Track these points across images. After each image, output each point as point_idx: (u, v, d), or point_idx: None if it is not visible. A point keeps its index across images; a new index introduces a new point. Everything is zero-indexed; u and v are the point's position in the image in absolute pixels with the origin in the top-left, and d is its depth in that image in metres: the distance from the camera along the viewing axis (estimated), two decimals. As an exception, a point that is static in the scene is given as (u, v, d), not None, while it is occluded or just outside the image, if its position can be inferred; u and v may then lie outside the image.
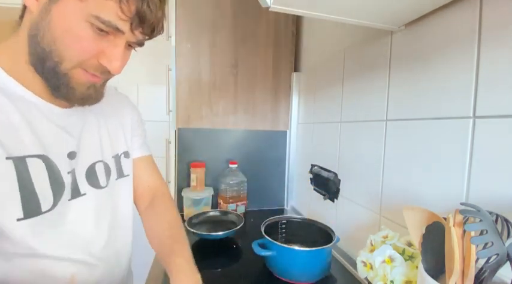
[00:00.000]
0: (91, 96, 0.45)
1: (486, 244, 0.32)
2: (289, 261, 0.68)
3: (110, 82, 0.51)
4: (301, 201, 1.23)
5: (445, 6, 0.51)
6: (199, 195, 1.08)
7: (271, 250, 0.69)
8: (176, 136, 1.17)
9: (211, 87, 1.18)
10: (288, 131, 1.29)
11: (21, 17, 0.41)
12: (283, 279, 0.70)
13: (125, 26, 0.39)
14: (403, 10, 0.53)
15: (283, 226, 0.84)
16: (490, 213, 0.35)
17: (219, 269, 0.76)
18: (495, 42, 0.43)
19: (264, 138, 1.26)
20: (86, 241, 0.49)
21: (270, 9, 0.52)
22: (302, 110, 1.22)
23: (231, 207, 1.11)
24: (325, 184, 0.96)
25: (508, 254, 0.32)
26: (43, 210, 0.41)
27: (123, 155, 0.58)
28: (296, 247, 0.68)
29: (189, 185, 1.17)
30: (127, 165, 0.59)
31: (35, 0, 0.38)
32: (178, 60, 1.13)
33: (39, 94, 0.43)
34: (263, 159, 1.27)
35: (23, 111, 0.40)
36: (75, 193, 0.47)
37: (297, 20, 1.26)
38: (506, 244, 0.32)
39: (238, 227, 0.91)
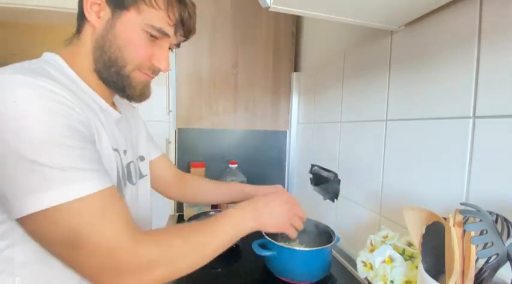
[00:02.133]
0: (145, 93, 0.53)
1: (486, 244, 0.32)
2: (289, 261, 0.68)
3: None
4: (301, 200, 1.22)
5: (445, 6, 0.51)
6: (199, 195, 1.08)
7: (271, 250, 0.69)
8: (176, 136, 1.17)
9: (211, 87, 1.18)
10: (288, 131, 1.29)
11: (79, 32, 0.48)
12: (283, 279, 0.70)
13: (170, 31, 0.48)
14: (403, 10, 0.53)
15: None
16: (490, 213, 0.35)
17: (219, 269, 0.76)
18: (495, 42, 0.43)
19: (264, 138, 1.26)
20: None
21: (270, 9, 0.52)
22: (302, 110, 1.22)
23: (231, 206, 1.11)
24: (325, 184, 0.96)
25: (508, 254, 0.32)
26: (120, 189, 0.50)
27: (139, 159, 0.64)
28: (296, 247, 0.68)
29: (189, 185, 1.17)
30: (144, 167, 0.66)
31: (98, 18, 0.45)
32: (178, 60, 1.13)
33: (105, 100, 0.50)
34: (263, 159, 1.27)
35: (103, 113, 0.49)
36: (127, 181, 0.55)
37: (297, 20, 1.26)
38: (506, 244, 0.32)
39: None
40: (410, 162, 0.60)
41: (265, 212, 0.55)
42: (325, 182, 0.96)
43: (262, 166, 1.27)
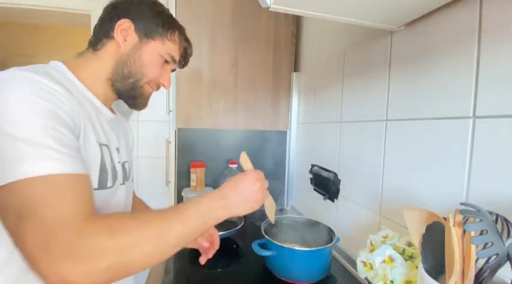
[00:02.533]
0: (146, 103, 0.64)
1: (486, 244, 0.32)
2: (289, 261, 0.68)
3: None
4: (301, 201, 1.23)
5: (445, 6, 0.51)
6: (199, 194, 1.08)
7: (271, 250, 0.69)
8: (176, 136, 1.17)
9: (211, 87, 1.18)
10: (288, 131, 1.29)
11: (96, 46, 0.57)
12: (283, 279, 0.70)
13: (177, 59, 0.63)
14: (403, 10, 0.53)
15: (283, 226, 0.84)
16: (490, 212, 0.35)
17: (219, 269, 0.76)
18: (495, 42, 0.43)
19: (264, 138, 1.26)
20: None
21: (270, 9, 0.52)
22: (302, 110, 1.22)
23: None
24: (325, 184, 0.96)
25: (508, 254, 0.32)
26: (108, 185, 0.52)
27: (127, 163, 0.68)
28: (296, 247, 0.68)
29: (189, 185, 1.17)
30: (131, 173, 0.70)
31: (124, 41, 0.57)
32: (178, 60, 1.13)
33: (103, 102, 0.58)
34: (263, 159, 1.27)
35: (95, 111, 0.54)
36: (124, 180, 0.60)
37: (297, 20, 1.26)
38: (506, 244, 0.32)
39: (238, 227, 0.91)
40: (410, 162, 0.60)
41: (235, 199, 0.53)
42: (325, 182, 0.96)
43: (262, 166, 1.27)
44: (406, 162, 0.61)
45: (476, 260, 0.33)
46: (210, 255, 0.67)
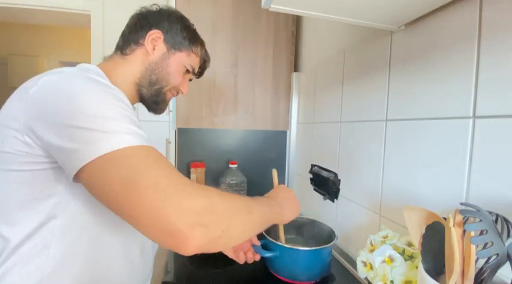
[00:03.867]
0: (165, 108, 0.70)
1: (486, 244, 0.32)
2: (289, 261, 0.68)
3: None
4: (301, 201, 1.22)
5: (445, 6, 0.51)
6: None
7: (273, 251, 0.69)
8: (176, 136, 1.17)
9: (211, 87, 1.18)
10: (288, 131, 1.29)
11: (125, 51, 0.62)
12: (283, 279, 0.70)
13: (196, 71, 0.70)
14: (403, 10, 0.53)
15: (283, 225, 0.84)
16: (490, 212, 0.35)
17: (219, 269, 0.76)
18: (495, 42, 0.43)
19: (264, 138, 1.26)
20: None
21: (270, 9, 0.52)
22: (302, 110, 1.22)
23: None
24: (325, 184, 0.96)
25: (508, 254, 0.32)
26: None
27: None
28: (296, 247, 0.68)
29: (189, 185, 1.17)
30: None
31: (153, 49, 0.62)
32: (178, 60, 1.13)
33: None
34: (263, 159, 1.27)
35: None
36: None
37: (297, 20, 1.26)
38: (506, 244, 0.32)
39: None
40: (410, 162, 0.60)
41: (284, 204, 0.61)
42: (325, 182, 0.96)
43: (262, 166, 1.27)
44: (406, 162, 0.61)
45: (476, 260, 0.33)
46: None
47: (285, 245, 0.68)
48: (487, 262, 0.34)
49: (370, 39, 0.74)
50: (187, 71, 0.67)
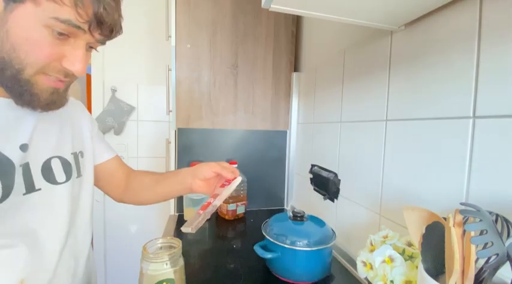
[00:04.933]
0: (54, 101, 0.45)
1: (486, 244, 0.32)
2: (289, 261, 0.68)
3: (112, 82, 0.53)
4: (301, 201, 1.23)
5: (444, 6, 0.51)
6: (199, 195, 1.08)
7: (274, 252, 0.69)
8: (176, 136, 1.17)
9: (211, 87, 1.18)
10: (288, 131, 1.29)
11: None
12: (283, 279, 0.70)
13: (84, 26, 0.41)
14: (403, 10, 0.53)
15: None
16: (490, 212, 0.35)
17: (219, 269, 0.76)
18: (495, 42, 0.43)
19: (264, 138, 1.26)
20: (40, 239, 0.47)
21: (270, 9, 0.52)
22: (302, 110, 1.22)
23: (230, 207, 1.12)
24: (325, 184, 0.96)
25: (508, 254, 0.32)
26: None
27: (80, 154, 0.58)
28: (296, 247, 0.68)
29: (189, 185, 1.17)
30: (86, 165, 0.60)
31: None
32: (178, 60, 1.13)
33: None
34: (263, 159, 1.27)
35: None
36: (30, 187, 0.46)
37: (297, 20, 1.26)
38: (506, 244, 0.32)
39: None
40: (410, 161, 0.60)
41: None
42: (325, 182, 0.96)
43: (262, 166, 1.27)
44: (406, 162, 0.61)
45: (476, 260, 0.33)
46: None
47: (286, 246, 0.68)
48: (487, 262, 0.34)
49: (370, 39, 0.74)
50: (62, 34, 0.39)
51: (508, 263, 0.32)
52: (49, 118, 0.51)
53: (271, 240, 0.70)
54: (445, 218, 0.37)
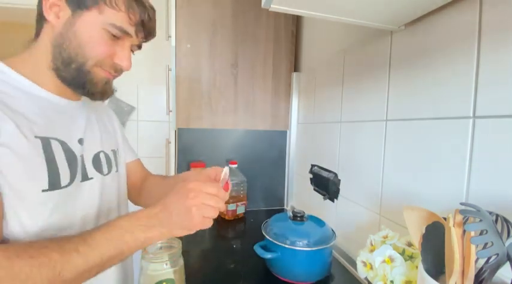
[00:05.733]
0: (107, 90, 0.54)
1: (486, 244, 0.32)
2: (290, 261, 0.68)
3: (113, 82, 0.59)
4: (301, 201, 1.23)
5: (445, 6, 0.51)
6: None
7: (274, 252, 0.69)
8: (176, 136, 1.17)
9: (211, 87, 1.18)
10: (288, 131, 1.29)
11: (37, 35, 0.50)
12: (283, 279, 0.70)
13: (131, 30, 0.50)
14: (403, 10, 0.53)
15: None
16: (490, 212, 0.35)
17: (219, 269, 0.76)
18: (495, 42, 0.43)
19: (264, 138, 1.26)
20: (93, 223, 0.54)
21: (270, 9, 0.52)
22: (302, 110, 1.22)
23: (230, 207, 1.12)
24: (325, 184, 0.96)
25: (508, 254, 0.32)
26: (62, 184, 0.47)
27: (117, 151, 0.66)
28: (296, 247, 0.68)
29: (189, 185, 1.17)
30: (121, 162, 0.67)
31: (57, 18, 0.47)
32: (178, 60, 1.13)
33: (52, 91, 0.51)
34: (263, 159, 1.27)
35: (38, 103, 0.48)
36: (85, 176, 0.53)
37: (297, 20, 1.26)
38: (506, 244, 0.32)
39: None
40: (410, 162, 0.60)
41: (164, 216, 0.44)
42: (325, 182, 0.96)
43: (262, 166, 1.27)
44: (406, 162, 0.61)
45: (476, 260, 0.33)
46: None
47: (285, 246, 0.68)
48: (487, 262, 0.34)
49: (370, 39, 0.74)
50: (115, 36, 0.49)
51: (508, 263, 0.32)
52: (94, 115, 0.61)
53: (271, 240, 0.70)
54: (445, 218, 0.37)
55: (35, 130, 0.45)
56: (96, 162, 0.57)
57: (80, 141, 0.54)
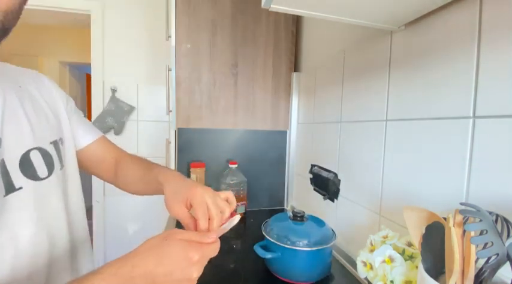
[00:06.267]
0: None
1: (486, 244, 0.32)
2: (289, 261, 0.68)
3: (112, 82, 0.52)
4: (301, 201, 1.23)
5: (445, 6, 0.51)
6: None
7: (274, 252, 0.69)
8: (176, 136, 1.17)
9: (211, 87, 1.18)
10: (288, 131, 1.29)
11: None
12: (283, 279, 0.70)
13: None
14: (403, 10, 0.53)
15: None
16: (490, 212, 0.35)
17: (219, 269, 0.76)
18: (495, 42, 0.43)
19: (264, 138, 1.26)
20: (26, 241, 0.42)
21: (270, 9, 0.52)
22: (302, 110, 1.22)
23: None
24: (325, 184, 0.96)
25: (508, 254, 0.32)
26: None
27: (60, 142, 0.51)
28: (296, 247, 0.68)
29: (189, 185, 1.17)
30: (68, 153, 0.54)
31: None
32: (178, 60, 1.13)
33: None
34: (263, 159, 1.27)
35: None
36: (10, 187, 0.40)
37: (297, 20, 1.26)
38: (506, 244, 0.32)
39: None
40: (410, 161, 0.60)
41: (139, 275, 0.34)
42: (325, 182, 0.96)
43: (262, 166, 1.27)
44: (406, 162, 0.61)
45: (476, 260, 0.33)
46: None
47: (286, 246, 0.68)
48: (487, 262, 0.34)
49: (370, 39, 0.74)
50: None
51: (508, 263, 0.32)
52: (14, 100, 0.44)
53: (271, 240, 0.70)
54: (445, 218, 0.37)
55: None
56: (26, 164, 0.42)
57: None
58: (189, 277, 0.36)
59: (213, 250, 0.40)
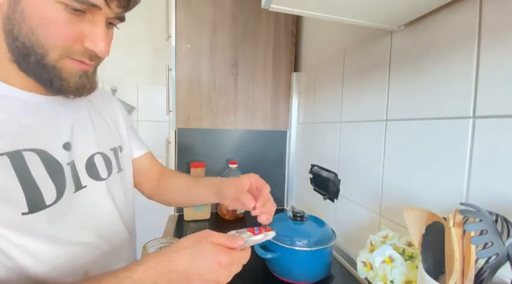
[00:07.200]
0: (85, 85, 0.43)
1: (486, 244, 0.32)
2: (290, 261, 0.68)
3: (112, 82, 0.54)
4: (301, 201, 1.23)
5: (445, 6, 0.51)
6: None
7: (273, 252, 0.69)
8: (176, 136, 1.17)
9: (211, 87, 1.18)
10: (288, 131, 1.29)
11: None
12: (283, 279, 0.70)
13: (99, 1, 0.37)
14: (403, 10, 0.53)
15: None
16: (490, 212, 0.35)
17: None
18: (495, 42, 0.43)
19: (264, 138, 1.26)
20: (94, 234, 0.49)
21: (270, 9, 0.52)
22: (302, 110, 1.22)
23: (231, 207, 1.12)
24: (325, 184, 0.96)
25: (508, 254, 0.32)
26: (47, 203, 0.39)
27: (119, 149, 0.59)
28: (296, 247, 0.68)
29: (189, 185, 1.17)
30: (126, 160, 0.61)
31: None
32: (178, 60, 1.13)
33: (22, 87, 0.41)
34: (263, 159, 1.27)
35: (7, 107, 0.39)
36: (78, 185, 0.46)
37: (297, 20, 1.26)
38: (506, 244, 0.32)
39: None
40: (410, 162, 0.60)
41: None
42: (325, 182, 0.96)
43: (262, 166, 1.27)
44: (406, 162, 0.61)
45: (476, 260, 0.33)
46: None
47: (285, 246, 0.68)
48: (487, 262, 0.34)
49: (370, 39, 0.74)
50: (78, 11, 0.36)
51: (508, 263, 0.32)
52: (84, 112, 0.51)
53: (271, 240, 0.70)
54: (445, 218, 0.37)
55: (0, 146, 0.36)
56: (90, 167, 0.49)
57: (66, 146, 0.45)
58: (216, 279, 0.38)
59: (243, 257, 0.41)
